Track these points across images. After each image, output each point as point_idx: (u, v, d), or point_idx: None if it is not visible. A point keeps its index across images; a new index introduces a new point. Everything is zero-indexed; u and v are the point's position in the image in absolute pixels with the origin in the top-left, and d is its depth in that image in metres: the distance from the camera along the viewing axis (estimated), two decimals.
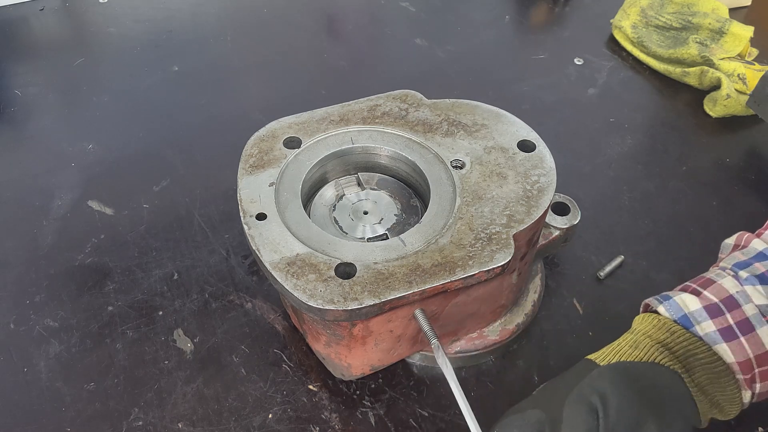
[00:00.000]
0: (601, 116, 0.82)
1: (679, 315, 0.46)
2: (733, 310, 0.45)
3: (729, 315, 0.45)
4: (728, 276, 0.48)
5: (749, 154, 0.78)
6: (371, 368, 0.54)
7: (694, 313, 0.46)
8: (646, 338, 0.46)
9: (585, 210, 0.61)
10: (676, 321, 0.46)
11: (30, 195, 0.70)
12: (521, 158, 0.54)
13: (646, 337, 0.46)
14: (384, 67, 0.90)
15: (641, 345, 0.45)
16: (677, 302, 0.47)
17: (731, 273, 0.48)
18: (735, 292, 0.46)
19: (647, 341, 0.45)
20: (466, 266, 0.47)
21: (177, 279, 0.62)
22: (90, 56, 0.89)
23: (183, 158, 0.75)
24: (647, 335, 0.46)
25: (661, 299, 0.48)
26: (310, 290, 0.45)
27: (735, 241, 0.54)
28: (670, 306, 0.47)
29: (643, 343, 0.45)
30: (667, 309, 0.47)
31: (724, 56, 0.83)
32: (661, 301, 0.48)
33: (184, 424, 0.52)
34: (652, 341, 0.45)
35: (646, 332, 0.46)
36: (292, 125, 0.57)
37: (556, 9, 1.01)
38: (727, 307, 0.46)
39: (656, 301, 0.48)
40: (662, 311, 0.47)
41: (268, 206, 0.50)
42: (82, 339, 0.58)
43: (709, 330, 0.45)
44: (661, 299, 0.48)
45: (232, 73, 0.87)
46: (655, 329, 0.46)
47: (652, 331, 0.46)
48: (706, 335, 0.45)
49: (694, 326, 0.45)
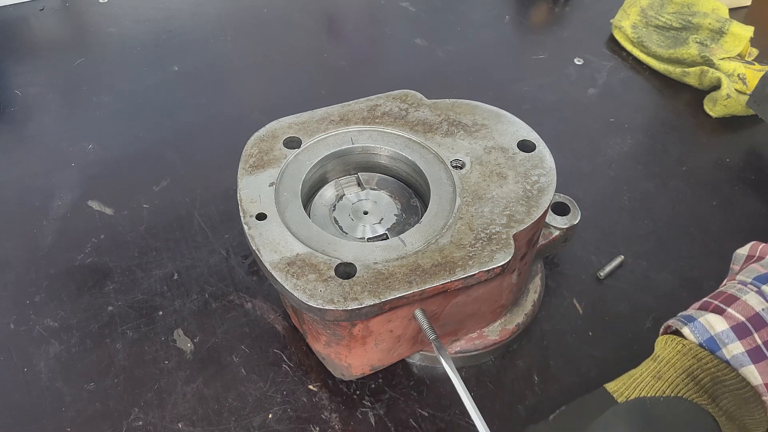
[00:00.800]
0: (601, 116, 0.82)
1: (705, 338, 0.44)
2: (761, 329, 0.43)
3: (757, 335, 0.43)
4: (751, 292, 0.45)
5: (749, 154, 0.78)
6: (371, 368, 0.54)
7: (721, 335, 0.44)
8: (669, 368, 0.44)
9: (585, 210, 0.61)
10: (701, 344, 0.44)
11: (30, 195, 0.70)
12: (521, 158, 0.54)
13: (669, 367, 0.44)
14: (384, 67, 0.90)
15: (664, 376, 0.43)
16: (702, 324, 0.45)
17: (754, 288, 0.46)
18: (761, 309, 0.44)
19: (671, 372, 0.43)
20: (466, 266, 0.46)
21: (177, 279, 0.62)
22: (90, 56, 0.89)
23: (183, 158, 0.75)
24: (671, 365, 0.44)
25: (684, 320, 0.46)
26: (310, 290, 0.45)
27: (749, 251, 0.51)
28: (695, 328, 0.45)
29: (666, 374, 0.43)
30: (692, 331, 0.45)
31: (724, 56, 0.83)
32: (685, 322, 0.46)
33: (184, 424, 0.52)
34: (676, 371, 0.43)
35: (669, 361, 0.44)
36: (292, 125, 0.57)
37: (556, 9, 1.01)
38: (754, 326, 0.43)
39: (680, 322, 0.46)
40: (687, 333, 0.45)
41: (268, 206, 0.50)
42: (82, 339, 0.58)
43: (737, 352, 0.43)
44: (685, 320, 0.46)
45: (232, 73, 0.87)
46: (679, 356, 0.44)
47: (676, 359, 0.44)
48: (733, 358, 0.43)
49: (720, 349, 0.43)
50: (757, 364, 0.43)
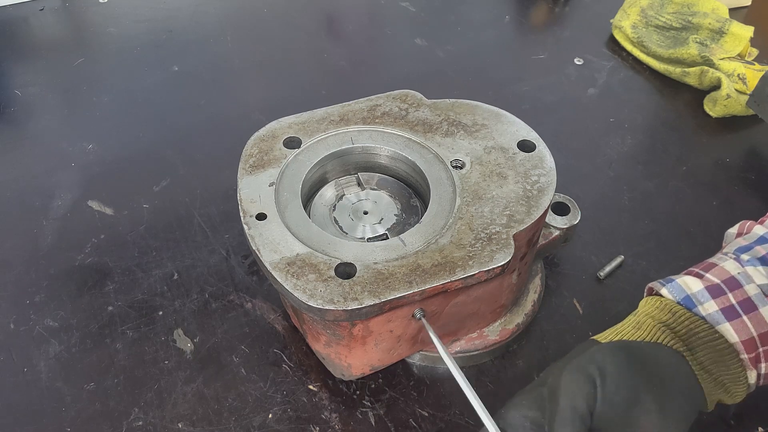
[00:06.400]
0: (601, 116, 0.82)
1: (681, 296, 0.47)
2: (735, 290, 0.46)
3: (731, 294, 0.45)
4: (730, 259, 0.48)
5: (749, 154, 0.78)
6: (371, 368, 0.54)
7: (696, 294, 0.46)
8: (648, 319, 0.46)
9: (585, 210, 0.61)
10: (678, 302, 0.46)
11: (30, 195, 0.70)
12: (521, 158, 0.54)
13: (648, 318, 0.46)
14: (384, 67, 0.90)
15: (644, 325, 0.46)
16: (680, 284, 0.47)
17: (733, 257, 0.49)
18: (737, 273, 0.47)
19: (650, 321, 0.46)
20: (466, 266, 0.47)
21: (177, 279, 0.62)
22: (90, 56, 0.89)
23: (183, 158, 0.75)
24: (650, 316, 0.46)
25: (664, 282, 0.48)
26: (310, 290, 0.45)
27: (738, 229, 0.54)
28: (672, 288, 0.47)
29: (645, 324, 0.46)
30: (669, 291, 0.47)
31: (724, 56, 0.83)
32: (664, 284, 0.48)
33: (184, 424, 0.52)
34: (655, 321, 0.46)
35: (648, 313, 0.47)
36: (292, 125, 0.57)
37: (556, 9, 1.01)
38: (728, 287, 0.46)
39: (659, 284, 0.49)
40: (665, 293, 0.47)
41: (268, 206, 0.50)
42: (82, 339, 0.58)
43: (712, 310, 0.45)
44: (664, 282, 0.48)
45: (232, 73, 0.87)
46: (657, 310, 0.47)
47: (654, 312, 0.46)
48: (708, 315, 0.45)
49: (696, 307, 0.46)
50: (732, 322, 0.45)
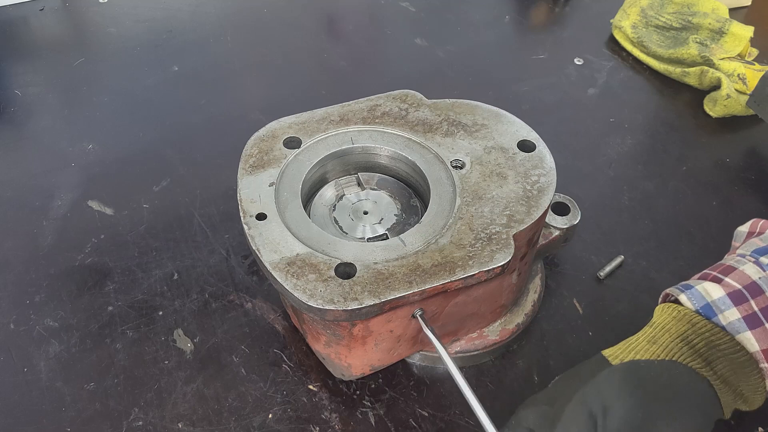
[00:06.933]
0: (601, 116, 0.82)
1: (701, 304, 0.45)
2: (757, 297, 0.44)
3: (753, 302, 0.44)
4: (749, 262, 0.46)
5: (749, 154, 0.78)
6: (371, 368, 0.54)
7: (717, 302, 0.44)
8: (664, 333, 0.44)
9: (585, 210, 0.61)
10: (698, 311, 0.45)
11: (30, 195, 0.70)
12: (521, 158, 0.54)
13: (664, 332, 0.44)
14: (384, 67, 0.90)
15: (659, 341, 0.44)
16: (699, 291, 0.45)
17: (752, 259, 0.46)
18: (758, 278, 0.45)
19: (665, 336, 0.44)
20: (466, 266, 0.46)
21: (177, 279, 0.62)
22: (90, 56, 0.89)
23: (183, 158, 0.75)
24: (666, 330, 0.44)
25: (682, 288, 0.46)
26: (310, 290, 0.45)
27: (749, 228, 0.52)
28: (692, 295, 0.45)
29: (661, 339, 0.44)
30: (689, 298, 0.45)
31: (724, 56, 0.83)
32: (682, 290, 0.46)
33: (184, 424, 0.52)
34: (671, 336, 0.44)
35: (665, 326, 0.45)
36: (292, 125, 0.57)
37: (556, 9, 1.01)
38: (750, 294, 0.44)
39: (677, 290, 0.47)
40: (684, 300, 0.46)
41: (268, 206, 0.50)
42: (82, 339, 0.58)
43: (733, 318, 0.43)
44: (683, 288, 0.46)
45: (232, 73, 0.87)
46: (675, 321, 0.45)
47: (671, 324, 0.45)
48: (729, 324, 0.43)
49: (716, 315, 0.44)
50: (754, 331, 0.43)
